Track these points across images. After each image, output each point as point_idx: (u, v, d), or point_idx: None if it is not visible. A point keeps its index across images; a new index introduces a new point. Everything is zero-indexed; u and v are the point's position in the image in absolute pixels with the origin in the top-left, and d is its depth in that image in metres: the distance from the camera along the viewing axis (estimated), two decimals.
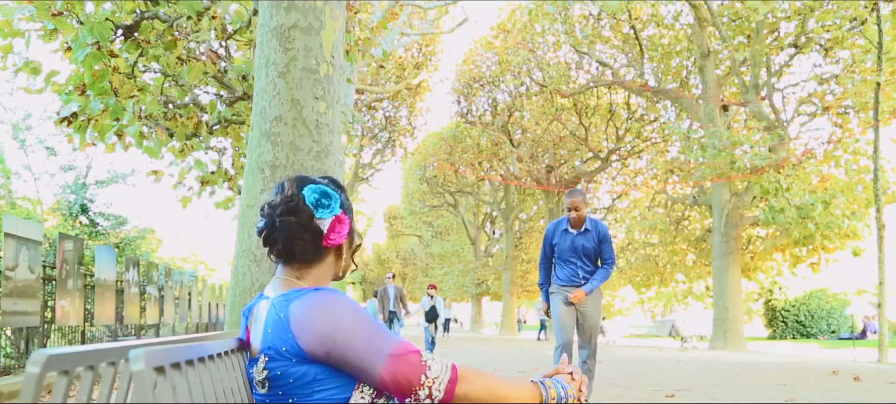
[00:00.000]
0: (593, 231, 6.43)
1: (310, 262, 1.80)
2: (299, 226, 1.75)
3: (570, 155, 31.33)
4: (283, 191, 1.80)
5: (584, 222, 6.45)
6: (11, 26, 6.79)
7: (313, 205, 1.78)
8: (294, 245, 1.76)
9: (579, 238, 6.41)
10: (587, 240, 6.42)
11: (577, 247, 6.39)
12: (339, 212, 1.81)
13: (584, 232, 6.43)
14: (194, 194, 10.95)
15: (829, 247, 21.46)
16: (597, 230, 6.44)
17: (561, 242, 6.48)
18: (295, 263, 1.80)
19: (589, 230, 6.43)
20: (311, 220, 1.77)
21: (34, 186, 23.44)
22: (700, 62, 22.45)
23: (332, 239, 1.79)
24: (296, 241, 1.76)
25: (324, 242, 1.78)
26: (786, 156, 19.46)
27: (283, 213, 1.75)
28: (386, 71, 28.46)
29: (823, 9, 18.43)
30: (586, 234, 6.43)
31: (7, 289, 9.03)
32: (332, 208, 1.80)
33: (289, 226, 1.75)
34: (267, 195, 4.34)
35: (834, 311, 34.20)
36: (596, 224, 6.48)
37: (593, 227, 6.45)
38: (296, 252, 1.77)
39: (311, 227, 1.77)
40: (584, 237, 6.42)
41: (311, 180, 1.83)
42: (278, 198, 1.79)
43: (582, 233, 6.42)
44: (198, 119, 9.14)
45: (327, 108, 4.54)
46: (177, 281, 17.40)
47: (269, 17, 4.53)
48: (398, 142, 33.43)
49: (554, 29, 25.73)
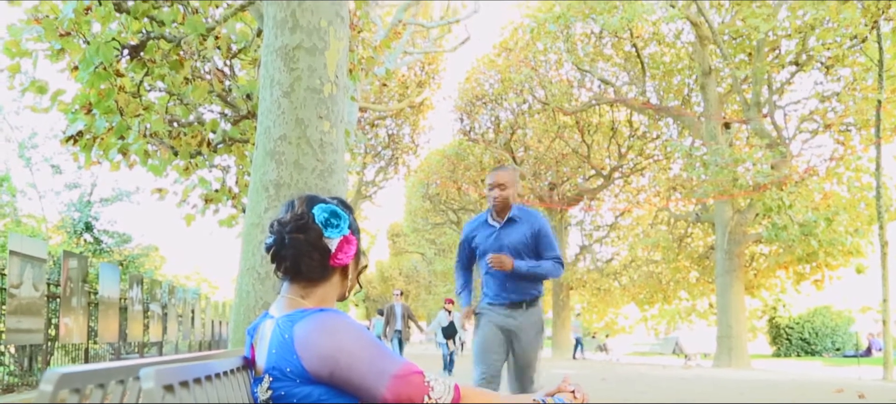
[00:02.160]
0: (524, 221, 4.73)
1: (316, 281, 1.81)
2: (308, 244, 1.77)
3: (572, 172, 31.35)
4: (293, 209, 1.81)
5: (509, 209, 4.74)
6: (19, 46, 6.86)
7: (323, 224, 1.79)
8: (302, 262, 1.78)
9: (505, 233, 4.72)
10: (517, 235, 4.70)
11: (503, 245, 4.70)
12: (348, 233, 1.83)
13: (511, 222, 4.73)
14: (198, 212, 11.00)
15: (833, 265, 21.44)
16: (529, 220, 4.75)
17: (483, 241, 4.80)
18: (301, 281, 1.81)
19: (518, 220, 4.73)
20: (319, 239, 1.78)
21: (39, 204, 23.54)
22: (701, 80, 22.52)
23: (340, 258, 1.81)
24: (304, 259, 1.78)
25: (331, 261, 1.80)
26: (788, 173, 19.47)
27: (293, 230, 1.77)
28: (389, 89, 28.55)
29: (824, 27, 18.50)
30: (514, 226, 4.72)
31: (11, 306, 9.05)
32: (341, 228, 1.81)
33: (297, 244, 1.77)
34: (271, 214, 4.38)
35: (838, 329, 34.05)
36: (528, 212, 4.83)
37: (524, 217, 4.76)
38: (303, 270, 1.79)
39: (319, 246, 1.78)
40: (511, 230, 4.72)
41: (321, 200, 1.85)
42: (288, 215, 1.80)
43: (508, 224, 4.73)
44: (202, 137, 9.20)
45: (331, 127, 4.59)
46: (180, 298, 17.42)
47: (273, 38, 4.58)
48: (401, 159, 33.47)
49: (556, 47, 25.81)
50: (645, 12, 20.51)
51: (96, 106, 7.35)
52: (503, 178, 4.75)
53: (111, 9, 6.65)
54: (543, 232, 4.77)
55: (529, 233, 4.74)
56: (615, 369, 17.73)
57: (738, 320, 21.92)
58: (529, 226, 4.76)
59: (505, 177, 4.76)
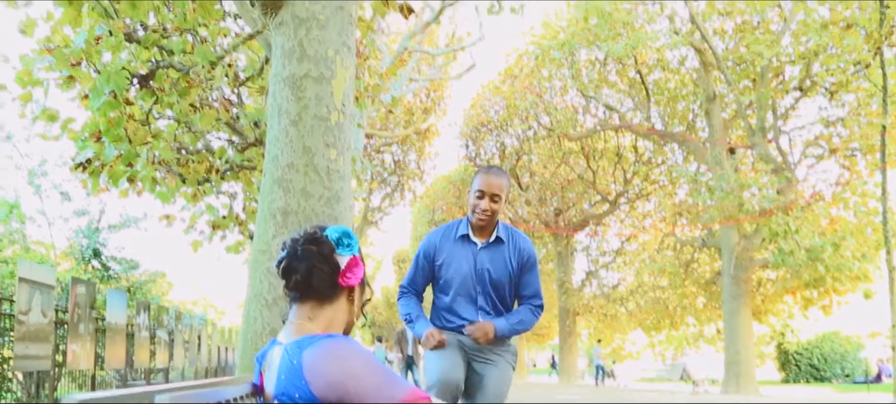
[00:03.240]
0: (511, 245, 3.81)
1: (323, 301, 1.85)
2: (320, 256, 1.82)
3: (578, 198, 31.37)
4: (307, 230, 1.88)
5: (495, 227, 3.81)
6: (31, 75, 6.96)
7: (335, 241, 1.85)
8: (313, 275, 1.82)
9: (488, 257, 3.77)
10: (500, 262, 3.78)
11: (482, 270, 3.75)
12: (358, 254, 1.89)
13: (496, 243, 3.80)
14: (205, 238, 11.07)
15: (841, 290, 21.36)
16: (517, 245, 3.82)
17: (452, 259, 3.81)
18: (309, 300, 1.84)
19: (504, 241, 3.80)
20: (331, 253, 1.84)
21: (48, 231, 23.62)
22: (706, 105, 22.59)
23: (349, 277, 1.85)
24: (315, 271, 1.82)
25: (340, 278, 1.84)
26: (794, 198, 19.47)
27: (306, 243, 1.83)
28: (395, 116, 28.69)
29: (827, 53, 18.58)
30: (498, 249, 3.79)
31: (20, 333, 9.09)
32: (351, 248, 1.87)
33: (310, 255, 1.82)
34: (279, 241, 4.43)
35: (848, 355, 33.80)
36: (515, 234, 3.88)
37: (510, 239, 3.83)
38: (313, 283, 1.83)
39: (330, 260, 1.83)
40: (494, 253, 3.78)
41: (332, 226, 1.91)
42: (301, 233, 1.87)
43: (492, 245, 3.79)
44: (209, 164, 9.27)
45: (338, 155, 4.64)
46: (187, 324, 17.42)
47: (281, 68, 4.65)
48: (407, 185, 33.56)
49: (561, 74, 25.96)
50: (649, 39, 20.65)
51: (105, 134, 7.43)
52: (498, 186, 3.72)
53: (121, 39, 6.75)
54: (531, 262, 3.85)
55: (516, 261, 3.81)
56: (623, 396, 17.63)
57: (746, 346, 21.81)
58: (516, 253, 3.82)
59: (500, 185, 3.74)
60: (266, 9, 4.66)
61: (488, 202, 3.71)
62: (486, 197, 3.71)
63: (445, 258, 3.84)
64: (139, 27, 7.66)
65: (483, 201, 3.72)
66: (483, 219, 3.74)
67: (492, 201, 3.71)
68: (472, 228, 3.84)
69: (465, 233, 3.84)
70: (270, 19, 4.73)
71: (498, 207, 3.74)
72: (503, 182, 3.77)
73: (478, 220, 3.76)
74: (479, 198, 3.74)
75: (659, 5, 22.52)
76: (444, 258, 3.85)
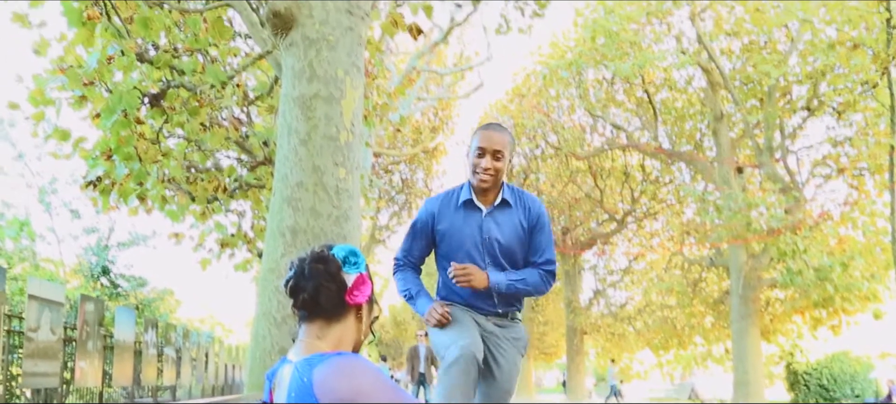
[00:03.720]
0: (520, 207, 3.40)
1: (331, 319, 1.87)
2: (327, 275, 1.84)
3: (585, 216, 31.34)
4: (314, 249, 1.90)
5: (500, 188, 3.41)
6: (44, 95, 7.05)
7: (342, 260, 1.87)
8: (320, 294, 1.84)
9: (494, 223, 3.35)
10: (509, 227, 3.36)
11: (487, 238, 3.33)
12: (365, 272, 1.91)
13: (502, 206, 3.38)
14: (214, 256, 11.12)
15: (850, 310, 21.23)
16: (526, 206, 3.41)
17: (454, 229, 3.39)
18: (318, 319, 1.86)
19: (512, 205, 3.39)
20: (338, 271, 1.86)
21: (58, 248, 23.76)
22: (713, 125, 22.60)
23: (356, 295, 1.87)
24: (323, 289, 1.83)
25: (347, 297, 1.86)
26: (802, 217, 19.43)
27: (313, 261, 1.85)
28: (403, 134, 28.79)
29: (834, 73, 18.60)
30: (506, 213, 3.38)
31: (29, 350, 9.14)
32: (358, 266, 1.89)
33: (317, 274, 1.84)
34: (288, 259, 4.46)
35: (857, 375, 33.51)
36: (523, 195, 3.46)
37: (519, 201, 3.42)
38: (321, 302, 1.84)
39: (337, 278, 1.85)
40: (502, 219, 3.36)
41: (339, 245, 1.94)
42: (308, 252, 1.89)
43: (498, 209, 3.38)
44: (218, 183, 9.34)
45: (347, 174, 4.68)
46: (194, 342, 17.45)
47: (291, 88, 4.71)
48: (415, 204, 33.59)
49: (568, 93, 26.03)
50: (656, 59, 20.69)
51: (116, 152, 7.51)
52: (500, 142, 3.30)
53: (133, 59, 6.83)
54: (541, 222, 3.39)
55: (525, 225, 3.38)
56: None
57: (755, 366, 21.69)
58: (526, 214, 3.39)
59: (502, 140, 3.32)
60: (277, 29, 4.72)
61: (490, 159, 3.28)
62: (487, 154, 3.29)
63: (447, 228, 3.40)
64: (151, 47, 7.76)
65: (484, 159, 3.29)
66: (485, 180, 3.30)
67: (494, 158, 3.29)
68: (474, 193, 3.38)
69: (467, 199, 3.38)
70: (281, 40, 4.79)
71: (501, 166, 3.31)
72: (505, 137, 3.34)
73: (480, 182, 3.31)
74: (479, 157, 3.30)
75: (666, 25, 22.60)
76: (445, 227, 3.40)
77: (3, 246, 18.46)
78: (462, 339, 3.13)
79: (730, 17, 21.78)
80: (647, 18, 21.48)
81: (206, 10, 6.62)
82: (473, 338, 3.18)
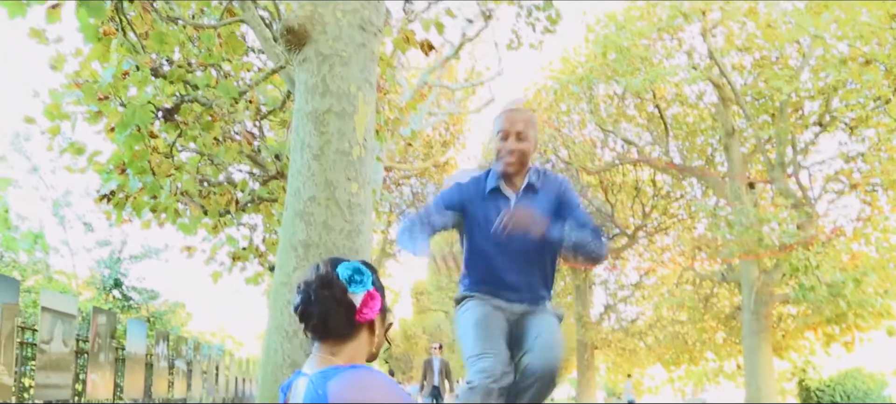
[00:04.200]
0: (547, 190, 3.32)
1: (343, 338, 1.88)
2: (334, 301, 1.85)
3: None
4: (318, 270, 1.91)
5: (527, 171, 3.34)
6: (60, 109, 7.13)
7: (347, 281, 1.87)
8: (329, 319, 1.86)
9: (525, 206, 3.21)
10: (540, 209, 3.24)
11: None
12: (372, 288, 1.91)
13: (529, 191, 3.31)
14: (225, 270, 11.18)
15: (863, 326, 21.08)
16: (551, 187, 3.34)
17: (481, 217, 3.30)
18: (329, 339, 1.89)
19: (538, 189, 3.31)
20: (344, 294, 1.87)
21: (71, 261, 23.91)
22: (725, 140, 22.55)
23: (365, 313, 1.88)
24: (331, 315, 1.86)
25: (357, 316, 1.87)
26: (814, 233, 19.34)
27: (318, 288, 1.86)
28: (414, 149, 28.88)
29: (846, 89, 18.55)
30: (533, 199, 3.29)
31: (41, 362, 9.20)
32: (364, 284, 1.89)
33: (324, 300, 1.85)
34: (300, 273, 4.49)
35: (871, 392, 33.24)
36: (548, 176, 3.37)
37: (545, 183, 3.34)
38: (331, 326, 1.87)
39: (344, 302, 1.86)
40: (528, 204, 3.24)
41: (344, 260, 1.94)
42: (314, 275, 1.90)
43: (525, 195, 3.30)
44: (231, 196, 9.40)
45: (359, 189, 4.71)
46: (205, 355, 17.51)
47: (304, 103, 4.75)
48: None
49: (579, 108, 26.04)
50: (667, 74, 20.69)
51: (130, 166, 7.58)
52: (523, 121, 3.20)
53: (148, 74, 6.91)
54: (568, 196, 3.29)
55: (553, 206, 3.27)
56: None
57: (767, 382, 21.53)
58: (554, 196, 3.28)
59: (525, 119, 3.21)
60: (290, 45, 4.76)
61: (514, 141, 3.19)
62: (510, 135, 3.20)
63: (475, 215, 3.31)
64: (165, 62, 7.84)
65: (508, 141, 3.21)
66: (512, 163, 3.23)
67: (518, 139, 3.20)
68: (503, 179, 3.30)
69: (491, 186, 3.31)
70: (294, 55, 4.83)
71: (526, 147, 3.22)
72: (528, 116, 3.24)
73: (506, 165, 3.24)
74: (503, 139, 3.22)
75: (677, 41, 22.62)
76: (472, 213, 3.32)
77: (17, 258, 18.60)
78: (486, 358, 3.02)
79: (741, 32, 21.77)
80: (658, 34, 21.51)
81: (220, 25, 6.69)
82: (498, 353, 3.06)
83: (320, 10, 4.73)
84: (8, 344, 8.36)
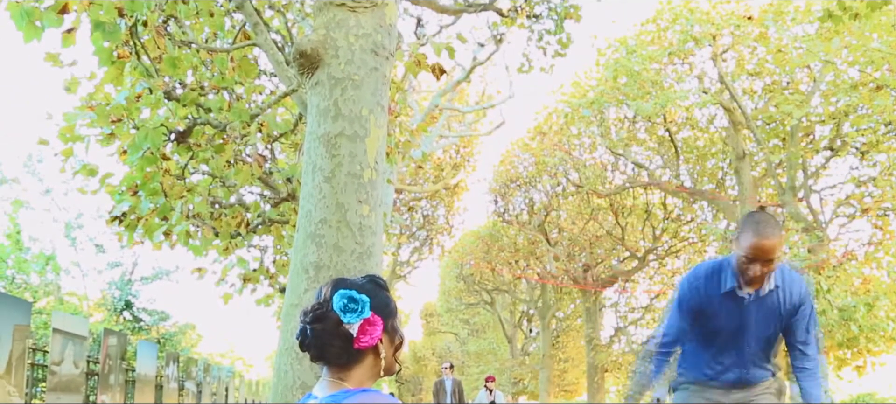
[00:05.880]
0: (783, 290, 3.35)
1: (347, 365, 1.87)
2: (327, 333, 1.84)
3: (606, 254, 31.21)
4: (319, 298, 1.89)
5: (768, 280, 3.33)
6: (73, 132, 7.20)
7: (341, 311, 1.84)
8: (326, 351, 1.85)
9: (756, 306, 3.33)
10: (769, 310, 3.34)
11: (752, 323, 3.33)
12: (369, 315, 1.86)
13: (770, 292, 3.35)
14: (236, 291, 11.20)
15: (875, 351, 20.91)
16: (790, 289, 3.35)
17: (718, 314, 3.39)
18: (333, 367, 1.88)
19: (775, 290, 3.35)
20: (338, 326, 1.84)
21: (82, 282, 24.00)
22: (736, 164, 22.51)
23: (364, 341, 1.85)
24: (327, 348, 1.85)
25: (355, 345, 1.85)
26: (826, 257, 19.23)
27: (312, 321, 1.85)
28: (424, 171, 28.95)
29: (857, 113, 18.52)
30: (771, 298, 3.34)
31: (52, 383, 9.22)
32: (359, 312, 1.84)
33: (317, 334, 1.84)
34: (311, 295, 4.51)
35: None
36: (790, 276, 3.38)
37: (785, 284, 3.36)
38: (329, 357, 1.86)
39: (339, 333, 1.84)
40: (766, 304, 3.33)
41: (345, 283, 1.89)
42: (311, 305, 1.88)
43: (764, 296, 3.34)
44: (242, 218, 9.44)
45: (370, 212, 4.73)
46: (215, 376, 17.51)
47: (316, 126, 4.78)
48: (435, 240, 33.66)
49: (590, 131, 26.07)
50: (678, 98, 20.72)
51: (142, 188, 7.63)
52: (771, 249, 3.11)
53: (161, 97, 6.97)
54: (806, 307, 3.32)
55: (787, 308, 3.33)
56: None
57: None
58: (788, 298, 3.31)
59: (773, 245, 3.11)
60: (303, 69, 4.81)
61: (760, 267, 3.15)
62: (756, 261, 3.14)
63: (712, 311, 3.39)
64: (178, 85, 7.91)
65: (754, 266, 3.16)
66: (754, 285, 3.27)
67: (765, 266, 3.16)
68: (740, 281, 3.32)
69: (729, 287, 3.34)
70: (306, 79, 4.87)
71: (772, 268, 3.19)
72: (776, 240, 3.13)
73: (747, 285, 3.29)
74: (749, 263, 3.17)
75: (688, 65, 22.65)
76: (710, 310, 3.40)
77: (28, 279, 18.69)
78: None
79: (752, 57, 21.79)
80: (668, 58, 21.55)
81: (232, 49, 6.75)
82: None
83: (333, 34, 4.78)
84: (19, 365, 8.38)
